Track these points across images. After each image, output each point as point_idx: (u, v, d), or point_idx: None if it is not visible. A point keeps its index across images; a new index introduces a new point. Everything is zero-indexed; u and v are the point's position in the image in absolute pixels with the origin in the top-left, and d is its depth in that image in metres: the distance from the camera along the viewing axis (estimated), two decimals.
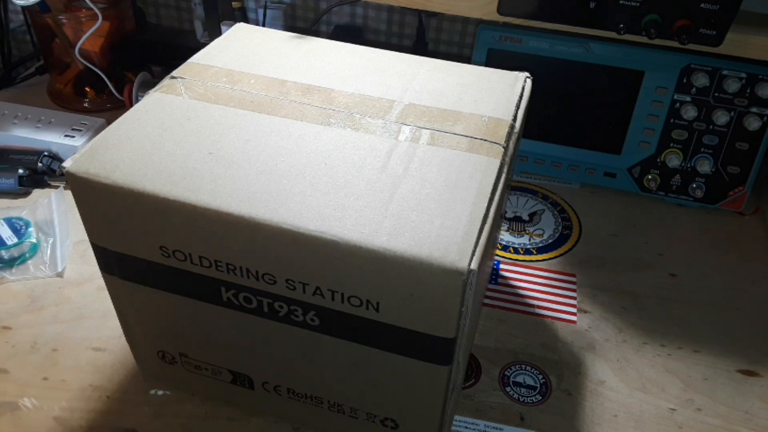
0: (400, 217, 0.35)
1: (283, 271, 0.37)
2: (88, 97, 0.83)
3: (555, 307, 0.60)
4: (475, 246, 0.34)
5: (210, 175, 0.38)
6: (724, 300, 0.62)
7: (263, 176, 0.38)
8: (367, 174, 0.38)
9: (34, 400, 0.49)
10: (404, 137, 0.41)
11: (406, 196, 0.37)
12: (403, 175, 0.38)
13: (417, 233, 0.34)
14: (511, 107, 0.45)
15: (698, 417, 0.51)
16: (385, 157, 0.40)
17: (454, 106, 0.45)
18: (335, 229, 0.34)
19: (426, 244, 0.34)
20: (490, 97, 0.46)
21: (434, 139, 0.42)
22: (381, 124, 0.42)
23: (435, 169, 0.39)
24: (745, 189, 0.70)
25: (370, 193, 0.37)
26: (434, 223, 0.35)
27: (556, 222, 0.70)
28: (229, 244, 0.37)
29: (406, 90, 0.46)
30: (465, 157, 0.40)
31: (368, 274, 0.35)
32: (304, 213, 0.35)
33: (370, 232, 0.34)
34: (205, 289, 0.40)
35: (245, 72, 0.47)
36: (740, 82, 0.65)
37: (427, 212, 0.36)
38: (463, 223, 0.35)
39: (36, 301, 0.57)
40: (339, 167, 0.39)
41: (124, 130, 0.41)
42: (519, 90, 0.48)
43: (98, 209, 0.40)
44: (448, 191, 0.37)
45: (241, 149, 0.40)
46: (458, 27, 0.89)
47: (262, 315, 0.40)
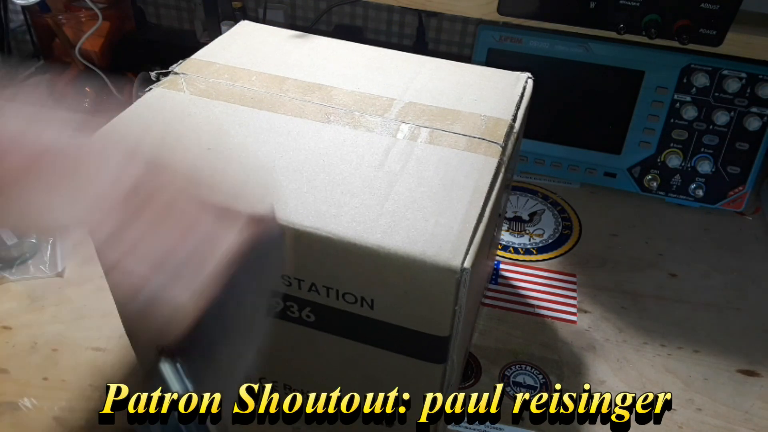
0: (395, 215, 0.35)
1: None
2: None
3: (555, 307, 0.60)
4: (469, 245, 0.34)
5: (207, 171, 0.37)
6: (724, 300, 0.62)
7: (261, 173, 0.38)
8: (365, 171, 0.38)
9: (34, 400, 0.49)
10: (402, 135, 0.41)
11: (402, 194, 0.37)
12: (400, 173, 0.38)
13: (412, 231, 0.34)
14: (511, 107, 0.45)
15: (698, 417, 0.51)
16: (383, 154, 0.40)
17: (453, 105, 0.45)
18: (330, 226, 0.35)
19: (420, 242, 0.34)
20: (490, 97, 0.46)
21: (432, 137, 0.42)
22: (380, 122, 0.43)
23: (432, 167, 0.39)
24: (745, 189, 0.70)
25: (367, 191, 0.37)
26: (429, 222, 0.35)
27: (556, 222, 0.70)
28: None
29: (407, 88, 0.46)
30: (463, 156, 0.40)
31: (363, 271, 0.35)
32: (299, 210, 0.35)
33: (364, 230, 0.34)
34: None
35: (247, 69, 0.47)
36: (740, 82, 0.65)
37: (423, 210, 0.36)
38: (458, 221, 0.35)
39: (36, 301, 0.57)
40: (336, 164, 0.39)
41: (126, 124, 0.41)
42: (520, 90, 0.48)
43: None
44: (444, 190, 0.37)
45: (239, 146, 0.40)
46: (458, 27, 0.89)
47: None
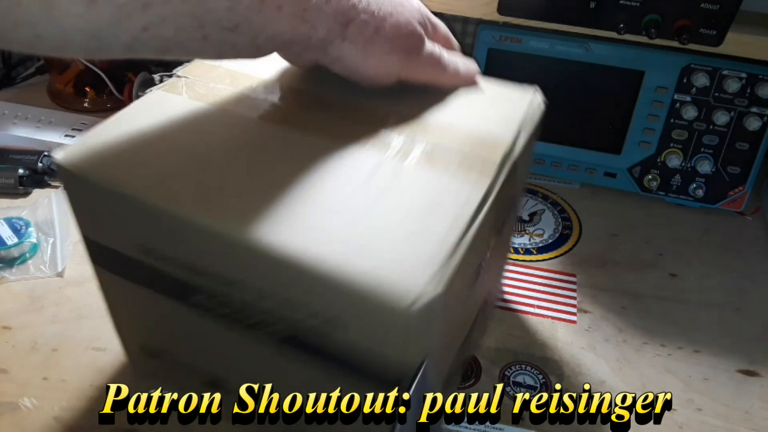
0: (367, 238, 0.34)
1: (248, 281, 0.36)
2: (88, 97, 0.83)
3: (555, 307, 0.60)
4: (441, 272, 0.32)
5: (188, 180, 0.37)
6: (724, 300, 0.62)
7: (240, 185, 0.37)
8: (347, 189, 0.37)
9: (34, 400, 0.49)
10: (394, 151, 0.40)
11: (381, 214, 0.35)
12: (383, 193, 0.36)
13: (382, 255, 0.33)
14: (514, 128, 0.43)
15: (698, 417, 0.51)
16: (371, 171, 0.38)
17: (453, 121, 0.43)
18: (296, 245, 0.33)
19: (388, 268, 0.32)
20: (495, 115, 0.44)
21: (425, 155, 0.40)
22: (373, 136, 0.41)
23: (417, 187, 0.37)
24: (745, 189, 0.70)
25: (344, 210, 0.35)
26: (401, 246, 0.33)
27: (556, 222, 0.70)
28: (199, 250, 0.37)
29: (407, 101, 0.45)
30: (452, 177, 0.38)
31: (329, 293, 0.33)
32: (272, 227, 0.34)
33: (331, 251, 0.33)
34: (177, 290, 0.40)
35: (250, 75, 0.46)
36: (740, 82, 0.65)
37: (398, 233, 0.34)
38: (432, 247, 0.33)
39: (36, 301, 0.57)
40: (320, 180, 0.37)
41: (119, 126, 0.41)
42: (525, 107, 0.46)
43: (83, 202, 0.40)
44: (425, 212, 0.35)
45: (223, 156, 0.39)
46: (458, 27, 0.89)
47: (227, 322, 0.39)
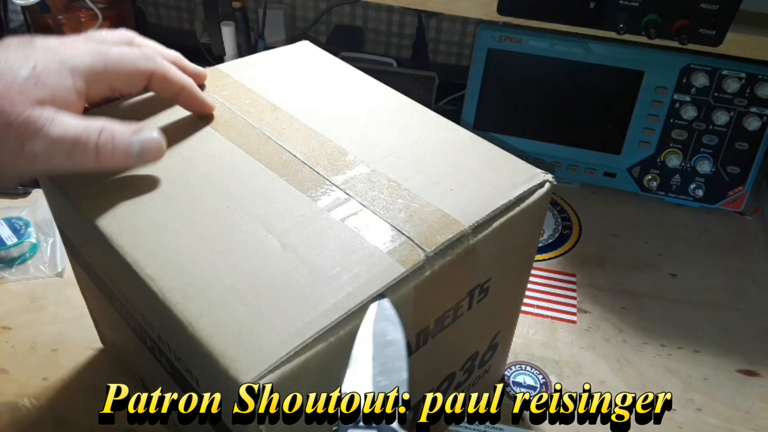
0: (242, 301, 0.31)
1: (137, 305, 0.36)
2: None
3: (555, 307, 0.60)
4: (283, 360, 0.28)
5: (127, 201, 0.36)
6: (724, 300, 0.62)
7: (167, 210, 0.35)
8: (261, 233, 0.34)
9: (34, 400, 0.49)
10: (327, 206, 0.36)
11: (275, 274, 0.32)
12: (291, 251, 0.33)
13: (237, 323, 0.30)
14: (486, 211, 0.36)
15: (698, 417, 0.51)
16: (293, 222, 0.35)
17: (419, 189, 0.37)
18: (175, 294, 0.31)
19: (235, 338, 0.29)
20: (473, 191, 0.38)
21: (361, 219, 0.35)
22: (321, 185, 0.37)
23: (328, 252, 0.33)
24: (745, 189, 0.70)
25: (241, 263, 0.33)
26: (262, 319, 0.30)
27: (556, 222, 0.70)
28: (107, 261, 0.36)
29: (389, 155, 0.40)
30: (372, 251, 0.33)
31: (193, 352, 0.31)
32: (163, 262, 0.33)
33: (197, 308, 0.31)
34: (106, 290, 0.41)
35: (253, 91, 0.45)
36: (740, 82, 0.65)
37: (270, 302, 0.31)
38: (292, 329, 0.30)
39: (36, 301, 0.57)
40: (240, 217, 0.35)
41: None
42: (520, 192, 0.38)
43: (53, 201, 0.42)
44: (312, 285, 0.32)
45: (172, 174, 0.38)
46: (458, 27, 0.89)
47: (137, 335, 0.39)
